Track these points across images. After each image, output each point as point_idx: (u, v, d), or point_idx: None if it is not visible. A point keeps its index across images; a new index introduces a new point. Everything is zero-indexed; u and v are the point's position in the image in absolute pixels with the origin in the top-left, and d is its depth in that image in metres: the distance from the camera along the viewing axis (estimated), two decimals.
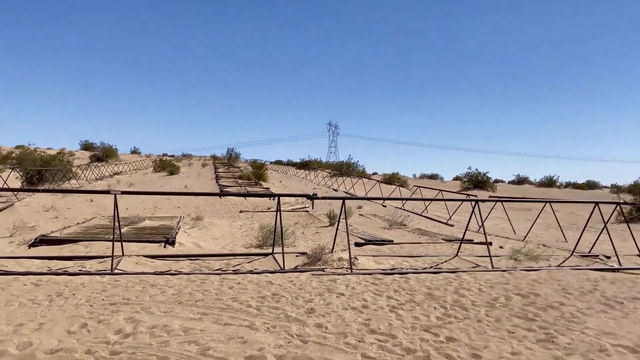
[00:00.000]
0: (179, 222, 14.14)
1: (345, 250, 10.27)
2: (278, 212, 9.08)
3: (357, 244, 11.62)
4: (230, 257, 9.49)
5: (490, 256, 9.64)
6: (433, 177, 77.63)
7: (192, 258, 9.26)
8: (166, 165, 47.17)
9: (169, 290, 6.95)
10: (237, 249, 11.02)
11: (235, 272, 8.22)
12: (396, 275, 8.46)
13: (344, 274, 8.31)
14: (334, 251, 9.85)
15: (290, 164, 73.18)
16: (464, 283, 8.03)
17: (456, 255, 10.46)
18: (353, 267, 8.69)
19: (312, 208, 9.37)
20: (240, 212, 19.41)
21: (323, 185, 38.87)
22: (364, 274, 8.42)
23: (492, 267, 9.30)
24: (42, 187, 24.21)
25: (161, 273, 7.97)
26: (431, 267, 9.39)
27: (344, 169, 53.85)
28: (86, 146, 69.24)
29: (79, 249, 9.80)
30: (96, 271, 7.91)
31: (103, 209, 17.88)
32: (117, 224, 8.89)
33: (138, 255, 9.06)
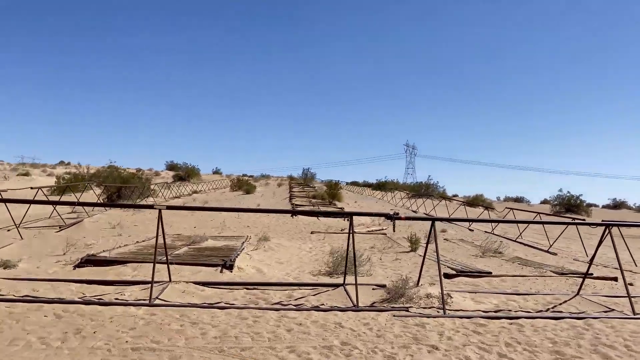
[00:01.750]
0: (243, 242, 12.89)
1: (433, 284, 8.36)
2: (351, 235, 7.42)
3: (446, 275, 9.65)
4: (294, 288, 7.92)
5: (629, 296, 7.30)
6: (518, 200, 72.33)
7: (250, 287, 7.81)
8: (243, 185, 47.38)
9: (212, 330, 5.50)
10: (303, 276, 9.47)
11: (298, 308, 6.63)
12: (504, 320, 6.45)
13: (435, 316, 6.45)
14: (420, 284, 7.99)
15: (366, 185, 71.43)
16: (601, 336, 5.88)
17: (577, 294, 8.16)
18: (446, 306, 6.79)
19: (393, 230, 7.75)
20: (312, 233, 17.95)
21: (401, 206, 36.65)
22: (462, 317, 6.50)
23: (634, 312, 6.98)
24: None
25: (208, 306, 6.56)
26: (548, 309, 7.24)
27: (423, 190, 51.15)
28: (171, 166, 72.07)
29: (126, 271, 8.72)
30: (134, 300, 6.67)
31: (170, 227, 17.19)
32: (161, 243, 7.67)
33: (187, 282, 7.77)
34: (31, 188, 20.99)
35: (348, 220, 7.87)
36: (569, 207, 46.47)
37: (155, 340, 5.09)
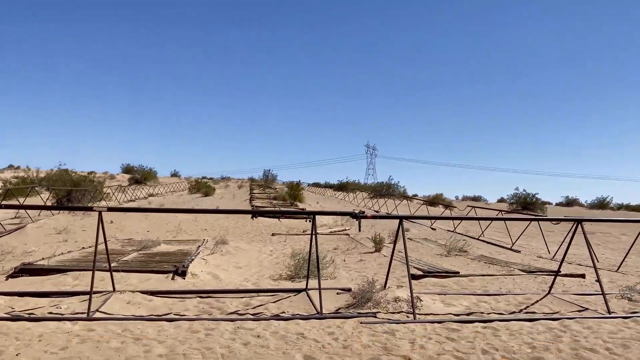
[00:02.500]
0: (199, 246, 12.13)
1: (401, 286, 7.96)
2: (314, 235, 6.86)
3: (413, 276, 9.24)
4: (252, 294, 7.30)
5: (603, 294, 7.06)
6: (476, 198, 73.67)
7: (203, 295, 7.13)
8: (201, 187, 45.96)
9: (158, 347, 4.82)
10: (263, 281, 8.85)
11: (256, 318, 6.03)
12: (477, 324, 6.05)
13: (405, 322, 5.98)
14: (387, 287, 7.53)
15: (327, 186, 71.03)
16: (580, 338, 5.56)
17: (548, 292, 7.91)
18: (416, 310, 6.34)
19: (359, 230, 7.29)
20: (273, 235, 17.31)
21: (363, 206, 36.43)
22: (433, 321, 6.06)
23: (609, 311, 6.74)
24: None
25: (155, 318, 5.87)
26: (521, 310, 6.92)
27: (384, 190, 51.26)
28: (127, 169, 69.42)
29: (66, 280, 7.86)
30: (70, 314, 5.90)
31: (120, 232, 16.16)
32: (104, 249, 6.91)
33: (133, 291, 7.01)
34: None
35: (310, 221, 7.31)
36: (525, 205, 47.55)
37: None
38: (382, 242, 13.41)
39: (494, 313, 6.73)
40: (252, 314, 6.26)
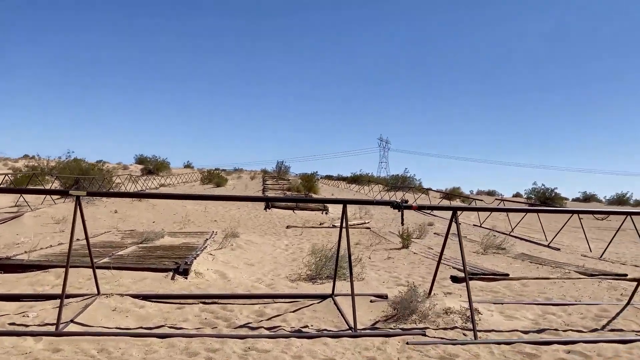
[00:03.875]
0: (207, 239, 10.86)
1: (449, 293, 6.59)
2: (345, 229, 5.49)
3: (455, 279, 7.88)
4: (267, 301, 5.98)
5: None
6: (490, 193, 71.59)
7: (207, 300, 5.84)
8: (213, 177, 44.98)
9: None
10: (279, 282, 7.53)
11: (272, 335, 4.71)
12: (557, 345, 4.67)
13: (463, 343, 4.62)
14: (431, 294, 6.16)
15: (340, 178, 69.55)
16: None
17: (628, 303, 6.46)
18: (476, 326, 4.96)
19: (402, 223, 6.04)
20: (287, 227, 16.01)
21: (380, 199, 35.02)
22: (499, 342, 4.70)
23: None
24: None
25: (144, 334, 4.58)
26: (603, 327, 5.51)
27: (400, 183, 49.70)
28: (140, 160, 68.73)
29: (47, 279, 6.62)
30: (37, 327, 4.64)
31: (123, 222, 14.97)
32: (83, 243, 5.64)
33: (122, 295, 5.73)
34: None
35: (326, 213, 5.96)
36: (543, 200, 45.83)
37: None
38: (410, 239, 12.03)
39: (570, 330, 5.34)
40: (267, 329, 4.94)
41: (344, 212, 5.48)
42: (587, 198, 64.30)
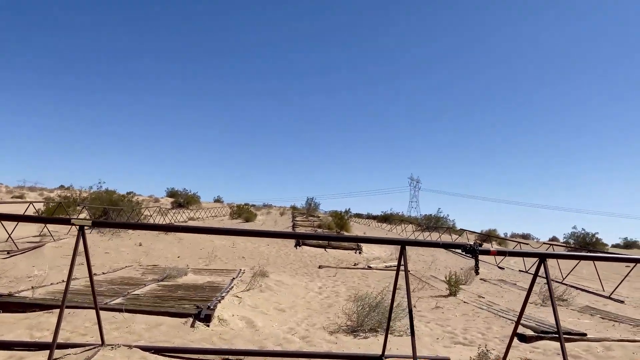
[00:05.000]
0: (233, 279, 9.89)
1: (526, 359, 5.36)
2: (404, 272, 4.43)
3: (521, 337, 6.63)
4: None
5: None
6: (525, 236, 68.67)
7: (231, 357, 4.81)
8: (243, 212, 44.43)
9: None
10: (314, 333, 6.44)
11: None
12: None
13: None
14: None
15: (370, 217, 68.13)
16: None
17: None
18: None
19: (476, 272, 5.01)
20: (320, 267, 14.91)
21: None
22: None
23: None
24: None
25: None
26: None
27: (433, 223, 47.96)
28: (171, 194, 69.44)
29: (49, 321, 5.74)
30: None
31: (147, 255, 14.18)
32: (86, 284, 4.73)
33: (131, 346, 4.77)
34: None
35: (360, 252, 4.92)
36: (583, 245, 43.37)
37: None
38: (457, 285, 10.75)
39: None
40: None
41: (402, 254, 4.44)
42: (629, 244, 60.92)
